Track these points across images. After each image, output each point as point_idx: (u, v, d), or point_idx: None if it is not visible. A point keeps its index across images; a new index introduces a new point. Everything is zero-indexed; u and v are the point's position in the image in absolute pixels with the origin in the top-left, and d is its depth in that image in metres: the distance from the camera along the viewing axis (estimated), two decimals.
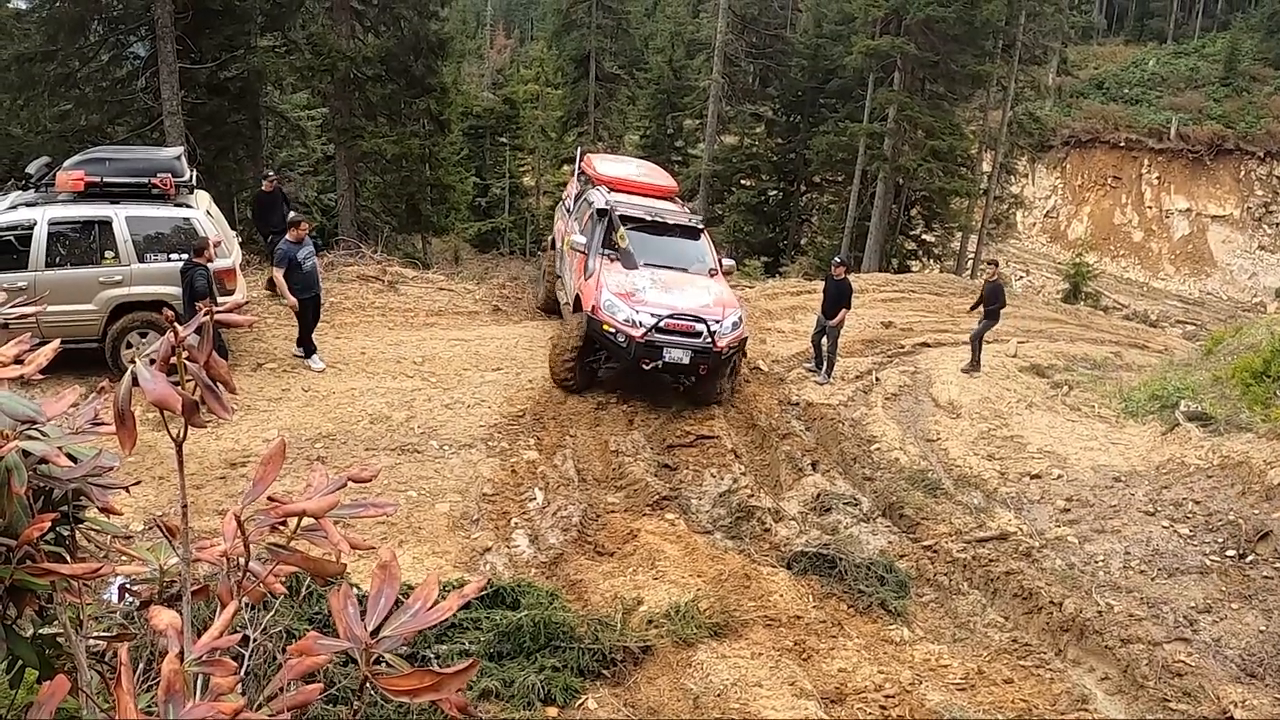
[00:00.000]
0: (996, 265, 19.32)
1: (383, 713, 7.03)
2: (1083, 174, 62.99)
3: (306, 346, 15.59)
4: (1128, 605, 10.76)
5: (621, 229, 16.16)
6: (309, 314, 15.35)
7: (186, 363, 2.17)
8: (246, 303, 13.00)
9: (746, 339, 16.25)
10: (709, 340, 14.98)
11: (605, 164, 20.09)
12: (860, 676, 9.26)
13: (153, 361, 2.17)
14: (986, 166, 45.47)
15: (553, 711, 8.11)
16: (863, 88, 42.07)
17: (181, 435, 2.18)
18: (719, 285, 16.42)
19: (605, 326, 15.14)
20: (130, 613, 6.30)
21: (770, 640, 9.54)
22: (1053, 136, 56.97)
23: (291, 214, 16.72)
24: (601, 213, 17.18)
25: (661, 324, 15.01)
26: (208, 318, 2.24)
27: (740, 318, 15.82)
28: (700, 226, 17.69)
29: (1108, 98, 64.01)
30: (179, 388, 2.14)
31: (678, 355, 14.95)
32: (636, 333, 14.90)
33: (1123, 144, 60.24)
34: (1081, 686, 9.86)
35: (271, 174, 19.02)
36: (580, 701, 8.31)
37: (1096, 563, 11.75)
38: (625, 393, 15.72)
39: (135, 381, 2.14)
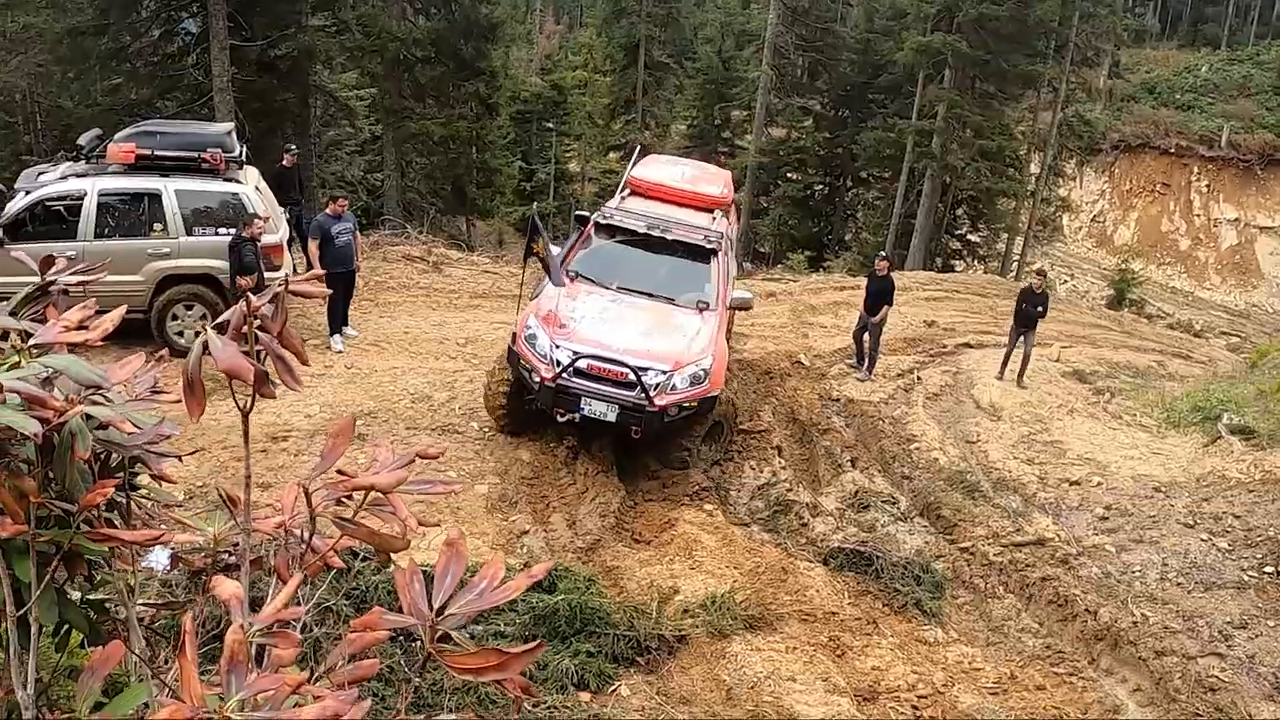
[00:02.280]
0: (1044, 275, 18.84)
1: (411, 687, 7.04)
2: (1131, 179, 62.36)
3: (332, 323, 15.60)
4: (1163, 617, 10.69)
5: (543, 237, 12.98)
6: (338, 290, 15.31)
7: (258, 333, 2.17)
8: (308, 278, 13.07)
9: (715, 397, 12.70)
10: (643, 396, 12.06)
11: (646, 166, 16.89)
12: (893, 675, 9.24)
13: (223, 330, 2.17)
14: (1035, 168, 45.11)
15: (586, 696, 8.13)
16: (912, 84, 41.86)
17: (249, 406, 2.19)
18: (701, 325, 13.11)
19: (522, 361, 12.45)
20: (173, 580, 6.36)
21: (805, 635, 9.52)
22: (1102, 140, 56.48)
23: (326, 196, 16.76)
24: (580, 219, 15.17)
25: (579, 365, 12.14)
26: (282, 289, 2.24)
27: (705, 370, 12.41)
28: (714, 248, 14.11)
29: (1159, 103, 63.32)
30: (249, 358, 2.14)
31: (600, 409, 12.11)
32: (548, 373, 12.12)
33: (1173, 150, 59.56)
34: (1113, 697, 9.80)
35: (293, 148, 19.07)
36: (613, 688, 8.32)
37: (1133, 573, 11.68)
38: None
39: (206, 349, 2.14)
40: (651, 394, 12.00)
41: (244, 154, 15.32)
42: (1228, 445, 14.58)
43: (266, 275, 13.53)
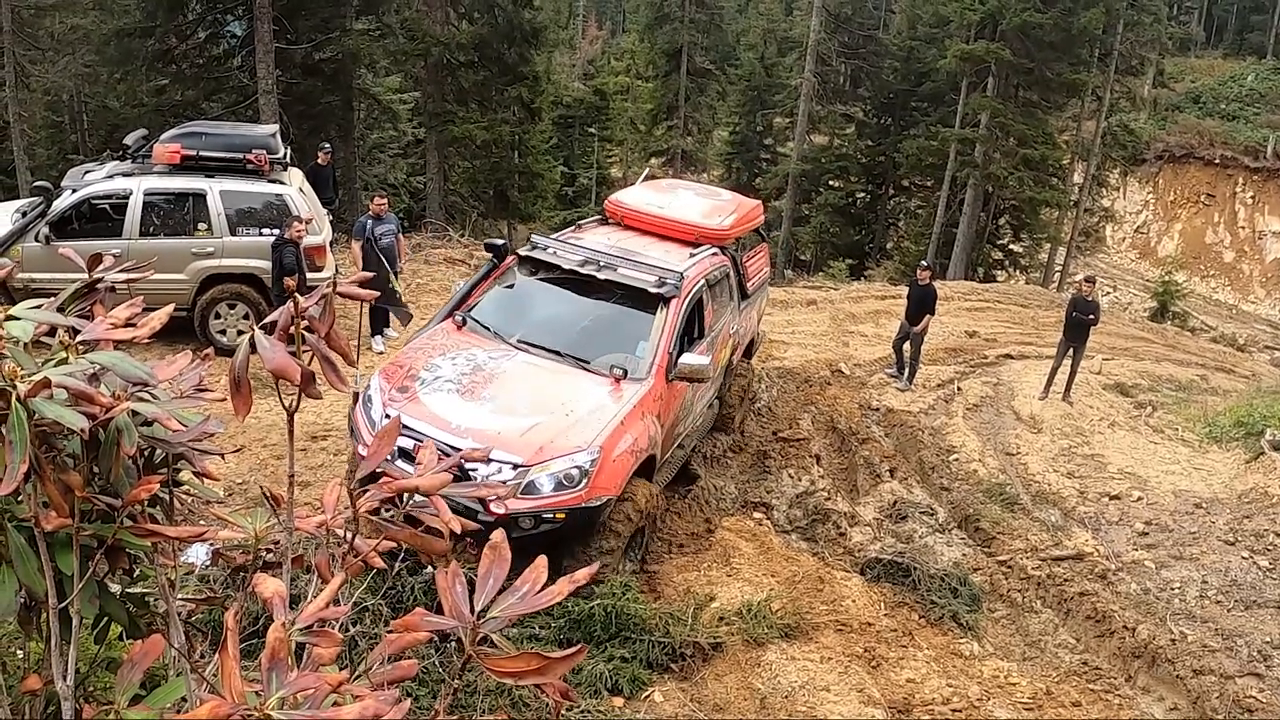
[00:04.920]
0: (1093, 282, 18.08)
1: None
2: (1175, 190, 61.68)
3: (374, 324, 15.69)
4: (1202, 635, 10.58)
5: (389, 268, 10.42)
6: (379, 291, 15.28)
7: (305, 334, 2.18)
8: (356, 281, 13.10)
9: (596, 508, 9.17)
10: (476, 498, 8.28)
11: (640, 188, 14.21)
12: (928, 688, 9.16)
13: (270, 330, 2.18)
14: (1078, 178, 44.77)
15: (619, 701, 8.11)
16: (955, 92, 41.70)
17: (295, 406, 2.20)
18: (607, 401, 9.76)
19: (353, 428, 9.95)
20: (212, 576, 6.40)
21: (840, 645, 9.47)
22: (1146, 150, 55.84)
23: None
24: (492, 249, 11.93)
25: (403, 443, 8.57)
26: (330, 289, 2.25)
27: (583, 468, 9.00)
28: (665, 293, 10.64)
29: (1204, 112, 62.49)
30: (295, 359, 2.15)
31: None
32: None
33: (1217, 161, 58.78)
34: (1150, 715, 9.72)
35: (328, 146, 19.18)
36: (647, 693, 8.30)
37: (1172, 590, 11.56)
38: None
39: (252, 349, 2.15)
40: (489, 497, 8.56)
41: (288, 156, 15.42)
42: (1270, 462, 14.42)
43: (310, 276, 13.63)
